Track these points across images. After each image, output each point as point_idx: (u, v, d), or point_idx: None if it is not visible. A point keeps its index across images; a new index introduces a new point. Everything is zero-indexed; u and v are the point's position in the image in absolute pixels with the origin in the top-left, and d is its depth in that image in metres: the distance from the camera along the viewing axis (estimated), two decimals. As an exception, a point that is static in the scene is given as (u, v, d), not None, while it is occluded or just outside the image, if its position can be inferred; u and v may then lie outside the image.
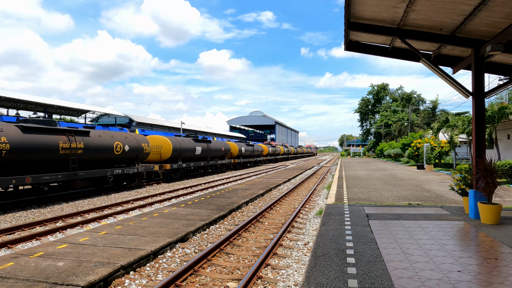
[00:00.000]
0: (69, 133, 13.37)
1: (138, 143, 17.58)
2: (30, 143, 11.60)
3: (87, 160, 14.29)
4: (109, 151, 15.43)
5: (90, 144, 14.21)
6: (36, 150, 11.84)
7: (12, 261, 5.65)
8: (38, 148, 11.89)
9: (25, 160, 11.62)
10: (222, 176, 25.98)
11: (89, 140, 14.25)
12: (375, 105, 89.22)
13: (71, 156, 13.23)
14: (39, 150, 11.95)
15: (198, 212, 10.13)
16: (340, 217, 8.74)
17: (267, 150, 46.58)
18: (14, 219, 10.02)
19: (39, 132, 12.21)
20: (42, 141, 12.10)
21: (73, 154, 13.29)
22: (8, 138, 10.89)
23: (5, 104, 34.09)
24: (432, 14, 7.68)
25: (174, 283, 5.13)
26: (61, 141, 12.84)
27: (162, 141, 21.16)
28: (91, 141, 14.37)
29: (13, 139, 11.05)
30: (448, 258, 5.44)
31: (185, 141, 23.24)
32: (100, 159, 15.13)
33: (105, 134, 15.78)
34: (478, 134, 8.67)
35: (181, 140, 22.91)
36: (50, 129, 12.79)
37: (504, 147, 24.28)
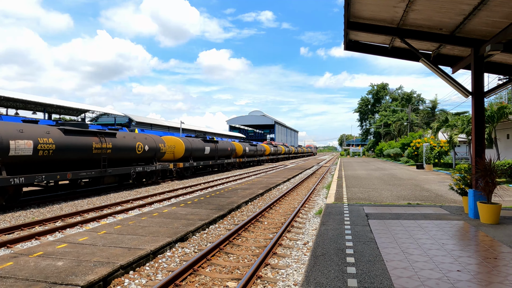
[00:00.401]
0: (100, 135, 15.06)
1: (156, 144, 19.08)
2: (70, 144, 13.25)
3: (114, 158, 15.87)
4: (132, 151, 17.09)
5: (117, 144, 15.84)
6: (75, 150, 13.51)
7: (11, 260, 5.65)
8: (76, 148, 13.55)
9: (66, 159, 13.30)
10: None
11: (116, 141, 15.87)
12: (375, 104, 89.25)
13: (102, 155, 14.90)
14: (77, 149, 13.62)
15: (197, 211, 10.12)
16: (340, 217, 8.74)
17: (269, 150, 47.82)
18: (13, 218, 10.01)
19: (77, 134, 13.88)
20: (79, 142, 13.76)
21: (103, 153, 14.96)
22: (54, 139, 12.52)
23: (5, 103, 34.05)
24: (432, 14, 7.68)
25: (173, 283, 5.12)
26: (94, 142, 14.48)
27: (176, 141, 22.60)
28: (118, 141, 15.99)
29: (57, 140, 12.69)
30: (447, 258, 5.45)
31: (195, 141, 24.73)
32: (124, 158, 16.77)
33: (129, 135, 17.57)
34: (477, 133, 8.68)
35: (192, 140, 24.39)
36: (85, 131, 14.45)
37: (504, 147, 24.30)
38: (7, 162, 11.09)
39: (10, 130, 11.21)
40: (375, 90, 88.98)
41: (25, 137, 11.50)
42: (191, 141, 24.08)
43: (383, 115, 75.32)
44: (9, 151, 10.95)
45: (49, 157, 12.33)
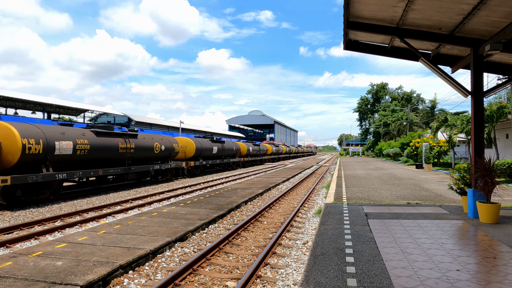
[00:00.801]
0: (124, 136, 16.85)
1: (171, 144, 20.83)
2: (100, 144, 14.93)
3: (136, 157, 17.67)
4: (151, 150, 18.79)
5: (138, 144, 17.58)
6: (104, 150, 15.16)
7: (10, 260, 5.64)
8: (105, 148, 15.21)
9: (97, 157, 14.96)
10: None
11: (137, 141, 17.63)
12: (374, 104, 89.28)
13: (126, 154, 16.69)
14: (106, 149, 15.27)
15: (197, 211, 10.12)
16: (339, 216, 8.74)
17: (271, 150, 49.48)
18: (12, 218, 10.00)
19: (106, 136, 15.61)
20: (108, 143, 15.44)
21: (127, 153, 16.75)
22: (88, 140, 14.25)
23: (4, 103, 34.00)
24: (431, 14, 7.68)
25: (173, 282, 5.12)
26: (120, 142, 16.21)
27: (187, 141, 24.35)
28: (139, 142, 17.73)
29: (91, 141, 14.41)
30: (447, 257, 5.45)
31: (204, 141, 26.52)
32: (144, 157, 18.52)
33: (147, 136, 19.20)
34: (477, 133, 8.68)
35: (201, 141, 26.20)
36: (112, 133, 16.14)
37: (503, 146, 24.33)
38: (53, 160, 12.70)
39: (55, 132, 12.94)
40: (374, 89, 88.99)
41: (66, 139, 13.28)
42: (201, 141, 25.85)
43: (382, 115, 75.35)
44: (54, 151, 12.64)
45: (84, 156, 14.10)
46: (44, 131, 12.51)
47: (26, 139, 11.56)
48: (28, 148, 11.55)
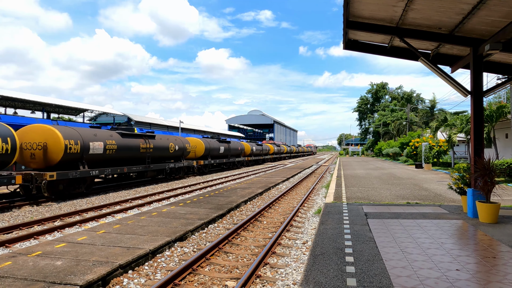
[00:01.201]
0: (144, 137, 18.50)
1: (183, 144, 22.58)
2: (125, 145, 16.65)
3: (154, 156, 19.43)
4: (167, 150, 20.55)
5: (156, 145, 19.30)
6: (128, 149, 16.92)
7: (10, 260, 5.63)
8: (129, 148, 16.97)
9: (123, 156, 16.67)
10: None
11: (155, 142, 19.37)
12: (374, 104, 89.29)
13: (147, 153, 18.45)
14: (130, 149, 17.02)
15: (196, 211, 10.12)
16: (339, 216, 8.74)
17: (273, 149, 51.59)
18: (12, 218, 9.99)
19: (130, 137, 17.37)
20: (131, 143, 17.20)
21: (147, 152, 18.48)
22: (116, 141, 16.01)
23: (3, 103, 33.96)
24: (431, 13, 7.68)
25: (172, 282, 5.11)
26: (141, 143, 17.94)
27: (197, 142, 26.07)
28: (156, 142, 19.48)
29: (118, 142, 16.12)
30: (446, 257, 5.45)
31: (212, 142, 28.38)
32: (161, 156, 20.25)
33: (163, 137, 21.08)
34: (476, 133, 8.68)
35: (210, 141, 28.05)
36: (135, 134, 17.97)
37: (502, 146, 24.34)
38: (87, 159, 14.48)
39: (89, 134, 14.66)
40: (374, 89, 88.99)
41: (98, 140, 14.93)
42: (209, 141, 27.69)
43: (382, 115, 75.38)
44: (89, 150, 14.36)
45: (112, 155, 15.79)
46: (81, 133, 14.34)
47: (68, 140, 13.36)
48: (69, 148, 13.36)
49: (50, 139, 13.08)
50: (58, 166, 13.46)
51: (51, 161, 13.15)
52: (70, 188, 13.78)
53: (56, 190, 13.06)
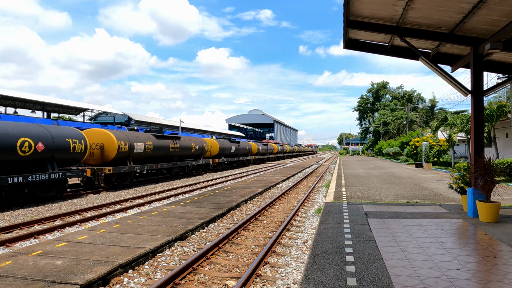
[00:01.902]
0: (173, 138, 21.54)
1: (202, 144, 25.70)
2: (159, 145, 19.58)
3: (179, 155, 22.39)
4: (189, 149, 23.54)
5: (181, 145, 22.25)
6: (161, 149, 19.83)
7: (10, 259, 5.64)
8: (162, 147, 19.88)
9: (157, 155, 19.58)
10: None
11: (180, 142, 22.31)
12: (374, 103, 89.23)
13: (174, 152, 21.29)
14: (162, 148, 19.97)
15: (197, 210, 10.12)
16: (339, 216, 8.74)
17: (277, 149, 54.68)
18: (12, 217, 9.99)
19: (162, 138, 20.33)
20: (163, 144, 20.09)
21: (175, 151, 21.37)
22: (152, 142, 18.89)
23: (3, 102, 33.95)
24: (431, 12, 7.67)
25: (173, 282, 5.12)
26: (170, 143, 20.84)
27: (212, 142, 28.92)
28: (181, 143, 22.42)
29: (154, 142, 19.06)
30: (446, 256, 5.45)
31: (225, 142, 31.57)
32: (185, 155, 23.25)
33: (186, 138, 24.15)
34: (476, 132, 8.68)
35: (223, 141, 31.42)
36: (165, 136, 21.00)
37: (503, 146, 24.34)
38: (133, 157, 17.38)
39: (133, 136, 17.67)
40: (375, 88, 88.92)
41: (139, 141, 17.80)
42: (223, 142, 31.05)
43: (382, 114, 75.35)
44: (134, 150, 17.22)
45: (149, 154, 18.60)
46: (127, 135, 17.18)
47: (119, 141, 16.11)
48: (120, 148, 16.11)
49: (106, 140, 15.94)
50: (112, 163, 16.29)
51: (106, 158, 16.00)
52: (120, 180, 16.66)
53: (110, 182, 16.00)
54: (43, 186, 12.48)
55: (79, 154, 13.86)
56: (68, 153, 13.32)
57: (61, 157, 13.03)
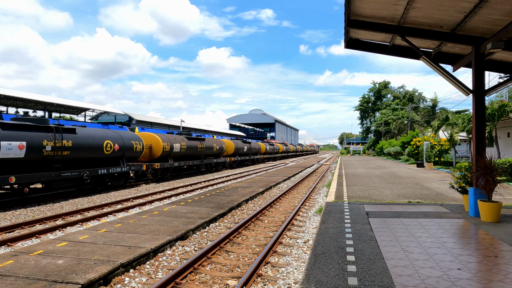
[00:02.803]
0: (200, 140, 25.14)
1: (221, 144, 29.18)
2: (190, 145, 23.24)
3: (204, 154, 25.84)
4: (212, 149, 26.96)
5: (206, 145, 25.77)
6: (192, 148, 23.54)
7: (11, 259, 5.65)
8: (192, 147, 23.61)
9: (188, 154, 23.17)
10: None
11: (205, 143, 25.78)
12: (376, 103, 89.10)
13: (201, 151, 25.02)
14: (193, 148, 23.66)
15: (197, 210, 10.13)
16: (340, 215, 8.74)
17: (282, 148, 58.45)
18: (14, 217, 10.02)
19: (192, 140, 23.98)
20: (193, 144, 23.81)
21: (201, 150, 25.05)
22: (185, 143, 22.51)
23: (5, 102, 34.01)
24: (432, 12, 7.65)
25: (174, 281, 5.12)
26: (198, 144, 24.51)
27: (229, 142, 32.66)
28: (206, 143, 25.89)
29: (186, 143, 22.68)
30: (448, 256, 5.44)
31: (238, 142, 35.24)
32: (208, 153, 26.67)
33: (209, 139, 27.57)
34: (478, 132, 8.66)
35: (237, 141, 35.12)
36: (194, 138, 24.62)
37: (504, 145, 24.28)
38: (172, 155, 20.94)
39: (173, 138, 21.27)
40: (376, 88, 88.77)
41: (177, 142, 21.37)
42: (237, 142, 34.76)
43: (383, 113, 75.24)
44: (173, 149, 20.76)
45: (183, 152, 22.15)
46: (168, 138, 20.84)
47: (164, 142, 19.83)
48: (164, 148, 19.77)
49: (154, 142, 19.68)
50: (158, 160, 19.95)
51: (154, 156, 19.73)
52: (162, 174, 20.34)
53: (156, 175, 19.89)
54: (117, 176, 16.48)
55: (138, 153, 17.85)
56: (132, 152, 17.28)
57: (128, 155, 17.02)
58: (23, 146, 11.39)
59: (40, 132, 12.20)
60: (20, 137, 11.37)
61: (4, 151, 10.79)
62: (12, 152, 11.07)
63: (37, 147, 11.89)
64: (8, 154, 10.97)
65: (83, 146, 13.95)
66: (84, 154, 14.20)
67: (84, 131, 14.44)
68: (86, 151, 14.22)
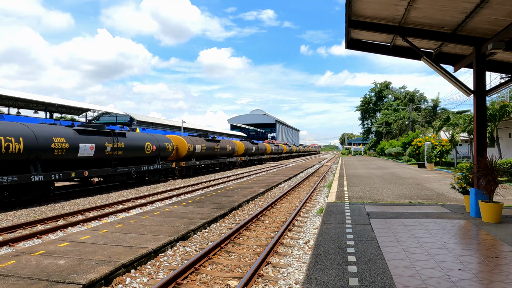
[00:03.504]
0: (216, 141, 28.27)
1: (233, 145, 32.55)
2: (208, 146, 26.32)
3: (219, 154, 29.07)
4: (225, 150, 30.34)
5: (221, 146, 29.18)
6: (210, 149, 26.62)
7: (13, 259, 5.67)
8: (210, 148, 26.64)
9: (207, 154, 26.17)
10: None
11: (220, 144, 29.17)
12: (377, 103, 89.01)
13: (217, 152, 28.21)
14: (210, 149, 26.65)
15: (199, 210, 10.14)
16: (341, 216, 8.74)
17: (286, 149, 62.17)
18: (15, 217, 10.04)
19: (209, 141, 27.03)
20: (210, 145, 26.85)
21: (217, 151, 28.33)
22: (205, 144, 25.65)
23: (6, 102, 34.10)
24: (433, 12, 7.65)
25: (175, 281, 5.13)
26: (215, 145, 27.81)
27: (239, 144, 35.67)
28: (221, 145, 29.35)
29: (206, 144, 25.89)
30: (449, 257, 5.44)
31: (248, 143, 38.36)
32: (223, 154, 30.08)
33: (223, 141, 30.96)
34: (479, 132, 8.65)
35: (246, 143, 38.14)
36: (212, 139, 27.69)
37: (505, 146, 24.24)
38: (194, 155, 24.05)
39: (194, 140, 24.43)
40: (378, 88, 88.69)
41: (198, 143, 24.48)
42: (246, 143, 37.70)
43: (384, 114, 75.18)
44: (195, 150, 23.92)
45: (203, 153, 25.41)
46: (191, 139, 24.00)
47: (189, 144, 23.04)
48: (188, 148, 22.94)
49: (180, 143, 22.82)
50: (183, 159, 23.01)
51: (180, 156, 22.88)
52: (186, 172, 23.26)
53: (182, 172, 22.75)
54: (154, 173, 19.38)
55: (169, 153, 20.86)
56: (165, 152, 20.33)
57: (162, 155, 20.05)
58: (93, 147, 14.44)
59: (103, 136, 15.21)
60: (91, 140, 14.36)
61: (81, 151, 13.83)
62: (86, 152, 14.10)
63: (102, 148, 14.86)
64: (83, 154, 14.00)
65: (131, 147, 17.03)
66: (131, 154, 17.21)
67: (131, 135, 17.64)
68: (133, 151, 17.30)
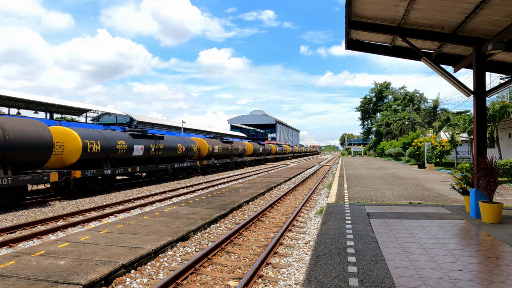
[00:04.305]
0: (229, 142, 31.71)
1: (244, 146, 36.15)
2: (224, 147, 29.68)
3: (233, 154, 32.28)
4: (237, 150, 33.64)
5: (234, 147, 32.43)
6: (225, 149, 30.15)
7: (13, 259, 5.67)
8: (225, 148, 30.14)
9: (223, 154, 29.66)
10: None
11: (233, 145, 32.41)
12: (377, 103, 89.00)
13: (231, 152, 31.63)
14: (225, 149, 30.27)
15: (199, 211, 10.14)
16: (341, 216, 8.74)
17: (288, 149, 65.28)
18: (15, 218, 10.05)
19: (224, 142, 30.69)
20: (226, 146, 30.32)
21: (231, 152, 31.90)
22: (221, 145, 29.17)
23: (6, 103, 34.10)
24: (433, 13, 7.66)
25: (175, 282, 5.13)
26: (229, 146, 30.98)
27: (249, 144, 39.26)
28: (234, 145, 32.66)
29: (221, 145, 29.28)
30: (449, 257, 5.44)
31: (256, 144, 42.41)
32: (235, 154, 33.36)
33: (236, 142, 34.84)
34: (479, 133, 8.65)
35: (254, 144, 42.02)
36: (226, 141, 31.46)
37: (505, 146, 24.24)
38: (213, 155, 27.48)
39: (213, 141, 27.89)
40: (378, 89, 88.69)
41: (216, 144, 28.07)
42: (254, 144, 41.89)
43: (384, 114, 75.18)
44: (214, 150, 27.39)
45: (220, 153, 28.76)
46: (211, 141, 27.38)
47: (209, 145, 26.46)
48: (209, 149, 26.49)
49: (202, 144, 26.24)
50: (204, 158, 26.41)
51: (201, 155, 26.29)
52: (207, 169, 26.79)
53: (203, 169, 26.22)
54: (183, 170, 23.00)
55: (194, 153, 24.59)
56: (191, 152, 23.94)
57: (189, 155, 23.65)
58: (143, 148, 18.02)
59: (148, 139, 18.92)
60: (140, 142, 18.01)
61: (135, 151, 17.44)
62: (138, 152, 17.66)
63: (148, 148, 18.48)
64: (136, 153, 17.56)
65: (168, 148, 20.67)
66: (168, 153, 20.82)
67: (167, 138, 21.28)
68: (169, 151, 20.90)
